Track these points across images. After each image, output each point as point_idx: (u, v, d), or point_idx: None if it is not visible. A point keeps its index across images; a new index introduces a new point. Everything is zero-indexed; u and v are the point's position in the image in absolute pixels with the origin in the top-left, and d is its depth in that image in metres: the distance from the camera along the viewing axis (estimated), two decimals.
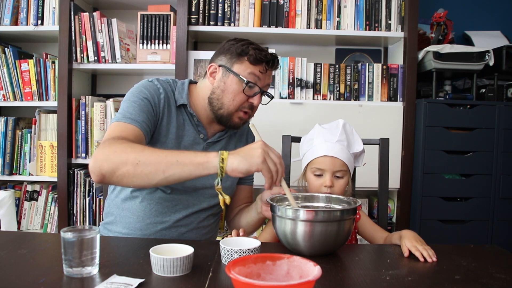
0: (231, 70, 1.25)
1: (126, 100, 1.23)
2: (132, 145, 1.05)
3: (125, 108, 1.20)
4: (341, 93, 2.26)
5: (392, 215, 2.33)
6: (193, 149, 1.29)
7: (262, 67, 1.25)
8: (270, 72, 1.29)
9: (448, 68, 2.18)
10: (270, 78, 1.30)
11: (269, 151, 1.02)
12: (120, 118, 1.17)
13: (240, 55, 1.25)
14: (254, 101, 1.26)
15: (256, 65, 1.24)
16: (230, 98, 1.25)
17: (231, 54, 1.26)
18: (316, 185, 1.30)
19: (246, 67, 1.24)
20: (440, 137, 2.15)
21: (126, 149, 1.03)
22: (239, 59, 1.25)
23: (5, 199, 2.18)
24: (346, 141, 1.32)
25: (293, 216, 1.01)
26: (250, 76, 1.24)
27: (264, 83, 1.28)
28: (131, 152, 1.02)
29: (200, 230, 1.34)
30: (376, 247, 1.23)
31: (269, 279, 0.76)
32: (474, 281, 0.91)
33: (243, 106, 1.27)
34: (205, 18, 2.23)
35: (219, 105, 1.27)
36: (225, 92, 1.26)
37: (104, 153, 1.04)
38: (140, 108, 1.20)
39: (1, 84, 2.25)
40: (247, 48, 1.24)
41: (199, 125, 1.32)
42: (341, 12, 2.26)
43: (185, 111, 1.31)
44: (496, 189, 2.16)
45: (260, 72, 1.25)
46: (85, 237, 0.88)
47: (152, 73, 2.45)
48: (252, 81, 1.24)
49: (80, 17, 2.19)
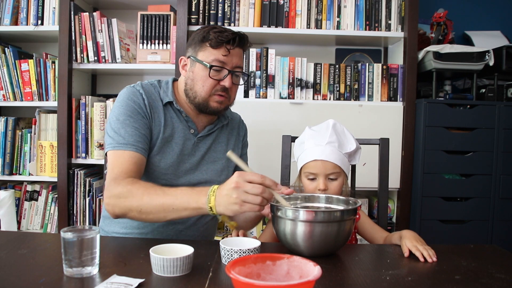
0: (196, 59, 1.27)
1: (115, 117, 1.25)
2: (133, 191, 1.11)
3: (117, 130, 1.23)
4: (341, 93, 2.26)
5: (392, 215, 2.33)
6: (185, 146, 1.31)
7: (224, 49, 1.25)
8: (237, 51, 1.27)
9: (448, 68, 2.18)
10: (238, 57, 1.29)
11: (244, 187, 0.96)
12: (115, 145, 1.21)
13: (202, 41, 1.26)
14: (225, 83, 1.26)
15: (218, 48, 1.24)
16: (200, 85, 1.27)
17: (195, 43, 1.28)
18: (310, 189, 1.31)
19: (209, 53, 1.25)
20: (440, 137, 2.15)
21: (128, 197, 1.11)
22: (202, 46, 1.26)
23: (5, 199, 2.18)
24: (337, 142, 1.31)
25: (293, 216, 1.01)
26: (215, 61, 1.25)
27: (232, 64, 1.27)
28: (133, 201, 1.10)
29: (197, 227, 1.35)
30: (376, 247, 1.23)
31: (269, 279, 0.76)
32: (474, 281, 0.91)
33: (216, 89, 1.27)
34: (205, 18, 2.23)
35: (194, 94, 1.29)
36: (195, 80, 1.28)
37: (112, 198, 1.14)
38: (131, 126, 1.23)
39: (1, 84, 2.25)
40: (208, 33, 1.25)
41: (188, 120, 1.33)
42: (341, 12, 2.25)
43: (172, 108, 1.33)
44: (496, 189, 2.16)
45: (224, 55, 1.25)
46: (85, 237, 0.88)
47: (152, 73, 2.45)
48: (217, 65, 1.25)
49: (80, 17, 2.19)
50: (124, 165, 1.18)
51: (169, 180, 1.28)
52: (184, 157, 1.32)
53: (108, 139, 1.24)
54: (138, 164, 1.21)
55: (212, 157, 1.37)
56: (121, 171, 1.17)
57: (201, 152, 1.35)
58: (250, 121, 2.20)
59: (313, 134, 1.34)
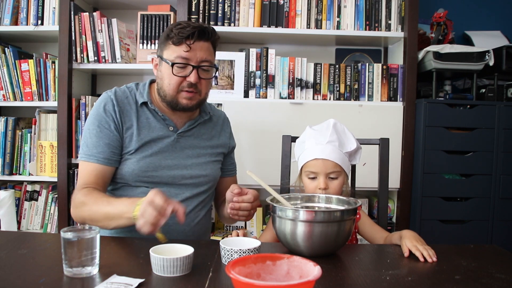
0: (161, 58, 1.29)
1: (86, 126, 1.32)
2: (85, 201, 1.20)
3: (85, 140, 1.31)
4: (341, 93, 2.26)
5: (392, 215, 2.33)
6: (163, 143, 1.33)
7: (185, 45, 1.25)
8: (200, 45, 1.26)
9: (448, 68, 2.18)
10: (203, 51, 1.27)
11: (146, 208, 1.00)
12: (82, 155, 1.30)
13: (166, 39, 1.28)
14: (191, 79, 1.26)
15: (179, 45, 1.25)
16: (167, 83, 1.29)
17: (161, 42, 1.31)
18: (311, 188, 1.31)
19: (172, 50, 1.26)
20: (440, 137, 2.15)
21: (82, 207, 1.21)
22: (166, 45, 1.28)
23: (5, 199, 2.18)
24: (337, 141, 1.31)
25: (293, 216, 1.01)
26: (178, 58, 1.25)
27: (197, 59, 1.26)
28: (85, 211, 1.20)
29: (187, 223, 1.33)
30: (376, 247, 1.23)
31: (269, 279, 0.76)
32: (474, 281, 0.91)
33: (182, 86, 1.28)
34: (205, 18, 2.23)
35: (163, 93, 1.31)
36: (162, 79, 1.30)
37: (72, 211, 1.26)
38: (97, 136, 1.29)
39: (1, 84, 2.25)
40: (171, 31, 1.26)
41: (165, 119, 1.35)
42: (341, 12, 2.25)
43: (148, 109, 1.35)
44: (496, 189, 2.16)
45: (186, 51, 1.25)
46: (85, 237, 0.88)
47: (152, 73, 2.43)
48: (178, 62, 1.25)
49: (80, 17, 2.19)
50: (86, 176, 1.27)
51: (151, 178, 1.30)
52: (165, 154, 1.33)
53: (81, 148, 1.32)
54: (100, 175, 1.27)
55: (196, 153, 1.38)
56: (82, 182, 1.26)
57: (184, 147, 1.36)
58: (250, 121, 2.22)
59: (314, 133, 1.34)
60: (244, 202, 1.19)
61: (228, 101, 2.18)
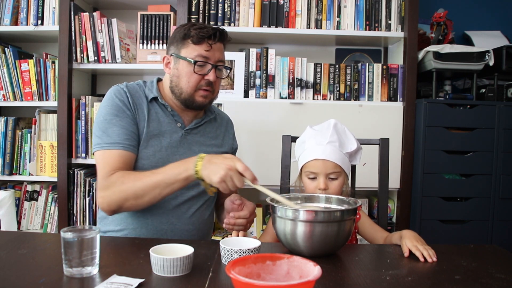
0: (179, 56, 1.31)
1: (102, 117, 1.29)
2: (124, 180, 1.19)
3: (104, 130, 1.27)
4: (341, 93, 2.26)
5: (392, 215, 2.33)
6: (172, 138, 1.35)
7: (206, 44, 1.28)
8: (218, 45, 1.32)
9: (448, 68, 2.18)
10: (220, 52, 1.33)
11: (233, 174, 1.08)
12: (103, 145, 1.26)
13: (184, 39, 1.30)
14: (210, 77, 1.31)
15: (200, 44, 1.28)
16: (186, 81, 1.31)
17: (177, 41, 1.32)
18: (311, 188, 1.31)
19: (192, 49, 1.29)
20: (440, 137, 2.15)
21: (121, 185, 1.18)
22: (184, 43, 1.30)
23: (5, 199, 2.18)
24: (338, 142, 1.31)
25: (293, 216, 1.01)
26: (198, 56, 1.28)
27: (215, 58, 1.31)
28: (127, 189, 1.18)
29: (192, 222, 1.34)
30: (376, 247, 1.23)
31: (269, 279, 0.76)
32: (474, 281, 0.91)
33: (200, 84, 1.31)
34: (205, 18, 2.23)
35: (179, 91, 1.32)
36: (180, 77, 1.32)
37: (106, 194, 1.20)
38: (118, 124, 1.27)
39: (1, 84, 2.25)
40: (189, 30, 1.29)
41: (174, 115, 1.37)
42: (341, 12, 2.25)
43: (157, 104, 1.36)
44: (496, 189, 2.16)
45: (207, 50, 1.29)
46: (85, 237, 0.88)
47: (152, 73, 2.45)
48: (200, 60, 1.28)
49: (80, 17, 2.19)
50: (114, 163, 1.24)
51: None
52: (174, 149, 1.34)
53: (96, 139, 1.28)
54: (127, 161, 1.26)
55: (202, 150, 1.39)
56: (110, 168, 1.23)
57: (190, 144, 1.38)
58: (250, 121, 2.22)
59: (314, 133, 1.34)
60: (240, 218, 1.21)
61: (228, 101, 2.18)
